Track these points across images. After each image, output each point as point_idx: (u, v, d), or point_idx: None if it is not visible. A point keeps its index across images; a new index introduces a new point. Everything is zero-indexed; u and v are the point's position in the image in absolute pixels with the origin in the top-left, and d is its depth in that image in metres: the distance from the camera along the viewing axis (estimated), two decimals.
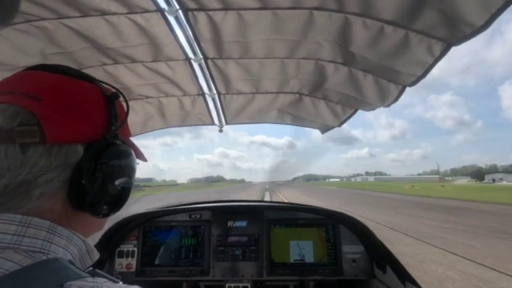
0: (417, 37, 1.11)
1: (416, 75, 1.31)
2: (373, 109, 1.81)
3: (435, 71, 1.25)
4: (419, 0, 0.96)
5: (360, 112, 2.01)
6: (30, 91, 0.43)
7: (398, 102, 1.56)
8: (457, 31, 1.00)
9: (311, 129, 2.49)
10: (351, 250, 1.67)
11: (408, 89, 1.46)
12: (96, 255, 0.50)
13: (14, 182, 0.40)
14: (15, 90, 0.43)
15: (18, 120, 0.41)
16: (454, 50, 1.11)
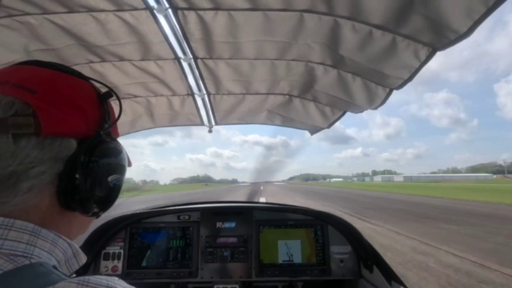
0: (404, 42, 1.14)
1: (402, 79, 1.34)
2: (361, 111, 1.84)
3: (431, 67, 1.29)
4: (406, 6, 0.99)
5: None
6: (24, 83, 0.42)
7: (393, 101, 1.60)
8: (442, 37, 1.03)
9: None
10: (339, 250, 1.69)
11: (405, 88, 1.49)
12: (83, 259, 0.48)
13: (3, 173, 0.38)
14: (8, 82, 0.42)
15: (13, 110, 0.40)
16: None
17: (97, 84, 0.54)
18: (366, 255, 1.57)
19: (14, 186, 0.39)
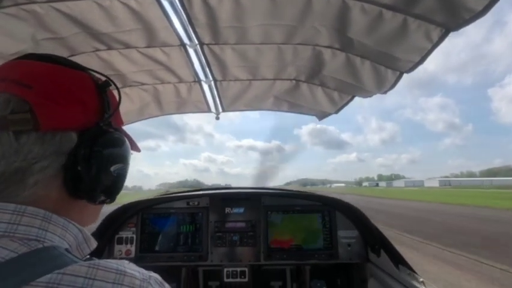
0: (416, 22, 1.10)
1: (413, 62, 1.31)
2: (370, 96, 1.81)
3: (428, 69, 1.26)
4: None
5: (350, 114, 2.04)
6: (21, 79, 0.43)
7: (388, 104, 1.58)
8: (455, 16, 0.99)
9: (300, 132, 2.49)
10: (346, 235, 1.71)
11: (400, 91, 1.47)
12: (93, 244, 0.50)
13: (9, 169, 0.40)
14: (6, 78, 0.43)
15: (10, 107, 0.40)
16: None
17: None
18: (374, 239, 1.58)
19: (21, 181, 0.40)
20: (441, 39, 1.12)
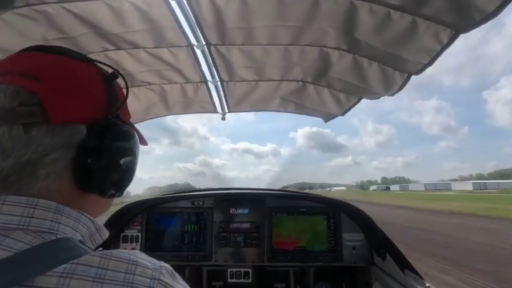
0: (425, 23, 1.09)
1: (422, 63, 1.29)
2: (377, 98, 1.79)
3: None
4: None
5: (346, 116, 2.14)
6: (28, 71, 0.42)
7: (386, 107, 1.59)
8: (466, 17, 0.97)
9: (297, 134, 2.49)
10: (351, 238, 1.69)
11: (397, 93, 1.55)
12: (106, 233, 0.50)
13: (20, 162, 0.40)
14: (13, 71, 0.42)
15: (19, 99, 0.40)
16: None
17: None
18: (379, 243, 1.56)
19: (33, 173, 0.40)
20: (451, 40, 1.10)
